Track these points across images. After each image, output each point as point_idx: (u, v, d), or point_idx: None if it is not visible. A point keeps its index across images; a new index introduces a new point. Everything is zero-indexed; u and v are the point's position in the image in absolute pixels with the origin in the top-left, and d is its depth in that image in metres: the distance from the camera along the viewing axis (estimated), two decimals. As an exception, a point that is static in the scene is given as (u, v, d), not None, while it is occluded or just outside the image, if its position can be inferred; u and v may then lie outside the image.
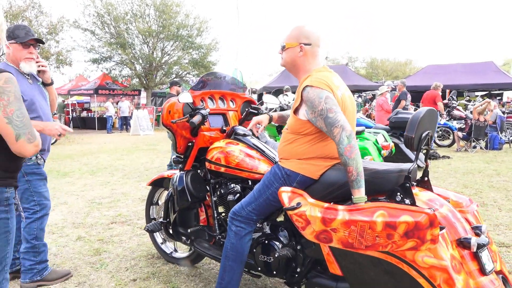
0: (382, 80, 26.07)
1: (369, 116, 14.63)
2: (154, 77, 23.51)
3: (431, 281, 1.76)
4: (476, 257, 1.94)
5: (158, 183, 3.39)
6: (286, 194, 2.04)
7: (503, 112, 12.23)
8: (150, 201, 3.50)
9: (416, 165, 2.08)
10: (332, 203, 2.06)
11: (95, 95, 23.00)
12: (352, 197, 1.99)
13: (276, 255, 2.38)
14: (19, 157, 1.73)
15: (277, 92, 7.30)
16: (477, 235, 2.02)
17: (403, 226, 1.72)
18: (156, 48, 23.27)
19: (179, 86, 7.72)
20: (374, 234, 1.78)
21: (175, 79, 11.93)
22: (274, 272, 2.45)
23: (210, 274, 3.16)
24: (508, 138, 11.45)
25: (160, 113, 20.86)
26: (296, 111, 2.21)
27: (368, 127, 6.81)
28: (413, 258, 1.79)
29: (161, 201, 3.53)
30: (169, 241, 3.43)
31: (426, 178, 2.22)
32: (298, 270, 2.39)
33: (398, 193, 2.02)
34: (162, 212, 3.36)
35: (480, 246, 1.93)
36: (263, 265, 2.49)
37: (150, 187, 3.54)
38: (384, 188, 2.06)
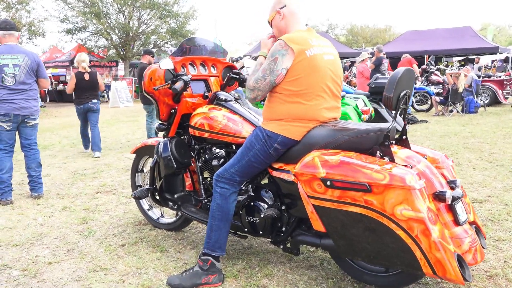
0: (362, 47, 26.07)
1: (349, 83, 14.71)
2: (131, 48, 22.95)
3: (409, 232, 1.86)
4: (451, 209, 2.05)
5: (143, 151, 3.40)
6: None
7: (479, 76, 12.45)
8: (135, 169, 3.52)
9: (395, 124, 2.15)
10: None
11: (70, 67, 22.34)
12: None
13: (262, 216, 2.46)
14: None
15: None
16: (452, 188, 2.13)
17: None
18: (133, 17, 22.61)
19: (152, 56, 7.53)
20: None
21: (149, 48, 11.61)
22: (261, 232, 2.53)
23: (198, 237, 3.24)
24: (483, 102, 11.72)
25: (139, 85, 20.50)
26: None
27: (348, 93, 6.88)
28: (392, 212, 1.88)
29: (146, 169, 3.56)
30: (155, 207, 3.48)
31: (404, 137, 2.30)
32: (283, 229, 2.48)
33: (378, 151, 2.10)
34: (148, 179, 3.40)
35: (455, 199, 2.05)
36: (250, 226, 2.57)
37: (134, 156, 3.56)
38: (365, 146, 2.13)
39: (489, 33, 24.90)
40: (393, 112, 2.14)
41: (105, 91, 19.70)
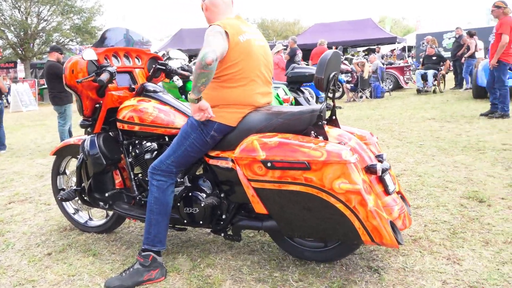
0: (274, 40, 26.76)
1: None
2: (31, 47, 21.18)
3: (347, 204, 1.97)
4: (381, 180, 2.21)
5: (64, 152, 3.17)
6: None
7: (383, 64, 13.46)
8: (57, 171, 3.27)
9: (326, 105, 2.26)
10: None
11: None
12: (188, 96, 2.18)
13: (201, 205, 2.43)
14: None
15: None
16: (380, 161, 2.29)
17: None
18: (30, 14, 20.87)
19: (61, 53, 7.03)
20: None
21: (56, 45, 10.81)
22: (201, 222, 2.50)
23: (132, 236, 3.11)
24: (388, 87, 12.70)
25: (43, 86, 19.02)
26: None
27: (267, 83, 7.04)
28: (331, 186, 1.97)
29: (69, 170, 3.33)
30: (82, 210, 3.27)
31: (334, 117, 2.42)
32: (224, 217, 2.48)
33: (312, 132, 2.18)
34: (72, 181, 3.19)
35: (384, 171, 2.21)
36: (189, 217, 2.52)
37: (48, 161, 3.30)
38: (300, 127, 2.20)
39: (387, 24, 26.97)
40: (324, 93, 2.23)
41: (4, 95, 18.06)
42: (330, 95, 2.39)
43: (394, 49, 22.30)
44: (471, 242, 2.59)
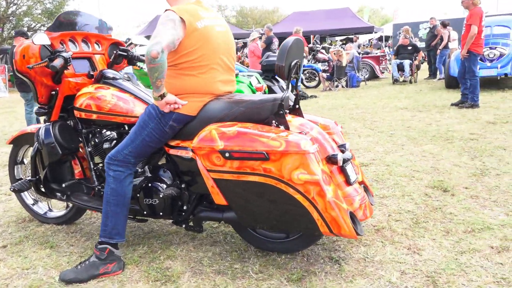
0: (252, 29, 26.59)
1: (242, 63, 14.91)
2: (0, 31, 20.45)
3: (306, 195, 1.94)
4: (342, 170, 2.18)
5: (21, 140, 3.04)
6: None
7: (359, 53, 13.51)
8: (14, 161, 3.14)
9: (288, 94, 2.21)
10: None
11: None
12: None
13: (161, 196, 2.36)
14: None
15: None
16: (342, 151, 2.26)
17: None
18: (-1, -4, 20.12)
19: (27, 38, 6.81)
20: None
21: (22, 29, 10.39)
22: (161, 213, 2.44)
23: (93, 227, 3.02)
24: (364, 77, 12.77)
25: (13, 71, 18.40)
26: None
27: (241, 71, 6.99)
28: (289, 177, 1.94)
29: (27, 159, 3.20)
30: (41, 201, 3.16)
31: (297, 106, 2.38)
32: (185, 208, 2.42)
33: (273, 121, 2.13)
34: (30, 171, 3.07)
35: (345, 161, 2.18)
36: (149, 208, 2.45)
37: (11, 147, 3.17)
38: (261, 117, 2.15)
39: (365, 14, 27.07)
40: (286, 82, 2.18)
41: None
42: (299, 83, 2.35)
43: (372, 38, 22.45)
44: (432, 231, 2.61)
